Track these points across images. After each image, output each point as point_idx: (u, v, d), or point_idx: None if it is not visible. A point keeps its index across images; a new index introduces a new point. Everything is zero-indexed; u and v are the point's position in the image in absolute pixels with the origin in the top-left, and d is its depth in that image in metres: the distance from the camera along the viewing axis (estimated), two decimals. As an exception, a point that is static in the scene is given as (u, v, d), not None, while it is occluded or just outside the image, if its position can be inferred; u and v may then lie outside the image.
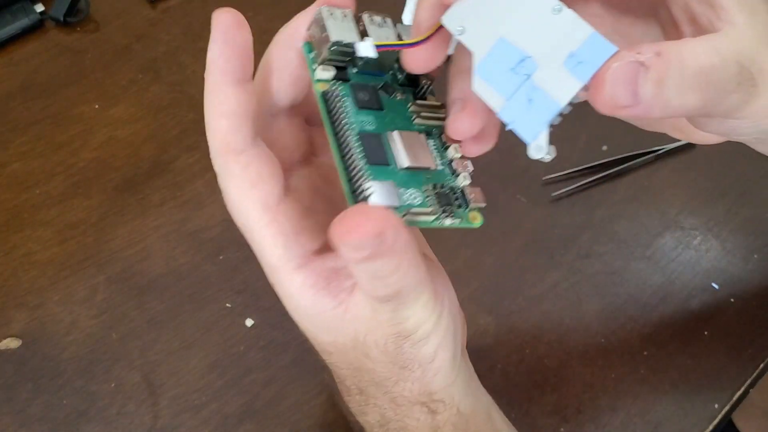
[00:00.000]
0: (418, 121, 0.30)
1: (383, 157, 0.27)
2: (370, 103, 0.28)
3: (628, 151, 0.62)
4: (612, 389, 0.51)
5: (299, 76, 0.29)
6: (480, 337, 0.53)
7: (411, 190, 0.27)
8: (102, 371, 0.49)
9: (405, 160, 0.28)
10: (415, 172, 0.28)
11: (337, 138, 0.27)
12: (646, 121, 0.35)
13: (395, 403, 0.30)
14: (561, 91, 0.24)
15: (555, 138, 0.25)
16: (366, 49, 0.28)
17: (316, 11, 0.28)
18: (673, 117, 0.26)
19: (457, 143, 0.30)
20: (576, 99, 0.25)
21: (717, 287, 0.56)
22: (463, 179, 0.29)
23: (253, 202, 0.27)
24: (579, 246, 0.57)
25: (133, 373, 0.49)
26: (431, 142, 0.29)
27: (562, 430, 0.49)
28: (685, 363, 0.53)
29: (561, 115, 0.25)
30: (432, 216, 0.27)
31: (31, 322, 0.51)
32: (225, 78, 0.26)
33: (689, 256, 0.58)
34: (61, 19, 0.65)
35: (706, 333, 0.54)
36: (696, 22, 0.27)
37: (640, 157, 0.62)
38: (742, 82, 0.24)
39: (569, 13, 0.25)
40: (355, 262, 0.25)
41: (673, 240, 0.58)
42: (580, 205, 0.60)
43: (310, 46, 0.28)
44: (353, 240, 0.24)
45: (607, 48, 0.24)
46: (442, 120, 0.30)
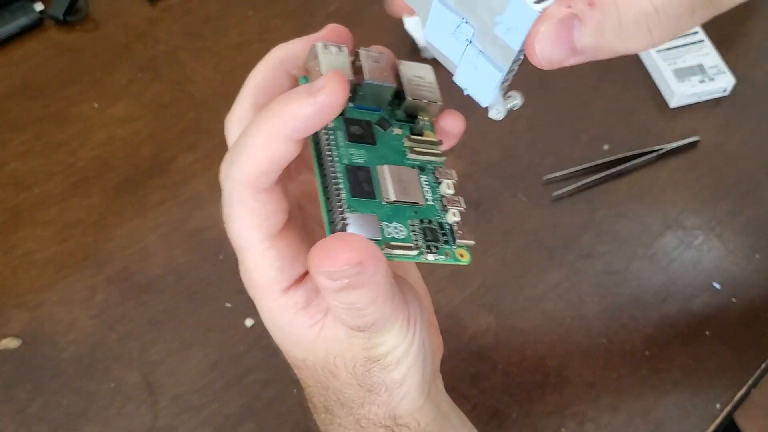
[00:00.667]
0: (411, 156, 0.30)
1: (369, 191, 0.28)
2: (362, 137, 0.29)
3: (629, 151, 0.61)
4: (613, 389, 0.51)
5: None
6: (481, 336, 0.52)
7: (395, 224, 0.28)
8: (101, 371, 0.49)
9: (392, 194, 0.28)
10: (403, 207, 0.28)
11: (322, 169, 0.28)
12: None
13: (359, 425, 0.30)
14: (499, 57, 0.25)
15: (556, 137, 0.25)
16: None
17: (311, 45, 0.28)
18: (629, 54, 0.24)
19: (450, 180, 0.30)
20: (520, 56, 0.24)
21: (719, 287, 0.56)
22: (452, 216, 0.29)
23: (259, 231, 0.27)
24: (580, 246, 0.57)
25: (133, 373, 0.49)
26: (424, 178, 0.30)
27: (563, 430, 0.49)
28: (686, 363, 0.53)
29: (511, 72, 0.25)
30: (414, 251, 0.28)
31: (30, 322, 0.50)
32: (294, 135, 0.26)
33: (691, 256, 0.58)
34: (61, 17, 0.65)
35: (708, 333, 0.54)
36: None
37: (641, 157, 0.61)
38: (695, 9, 0.22)
39: None
40: (333, 291, 0.25)
41: (674, 240, 0.58)
42: (582, 204, 0.59)
43: (306, 80, 0.29)
44: (331, 267, 0.24)
45: (530, 12, 0.23)
46: (437, 156, 0.30)
